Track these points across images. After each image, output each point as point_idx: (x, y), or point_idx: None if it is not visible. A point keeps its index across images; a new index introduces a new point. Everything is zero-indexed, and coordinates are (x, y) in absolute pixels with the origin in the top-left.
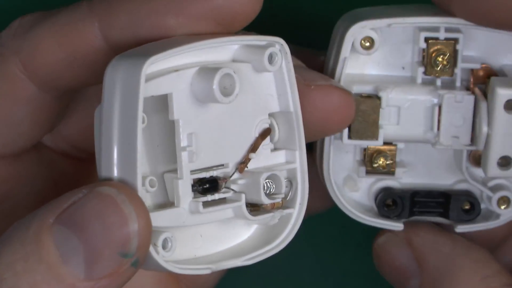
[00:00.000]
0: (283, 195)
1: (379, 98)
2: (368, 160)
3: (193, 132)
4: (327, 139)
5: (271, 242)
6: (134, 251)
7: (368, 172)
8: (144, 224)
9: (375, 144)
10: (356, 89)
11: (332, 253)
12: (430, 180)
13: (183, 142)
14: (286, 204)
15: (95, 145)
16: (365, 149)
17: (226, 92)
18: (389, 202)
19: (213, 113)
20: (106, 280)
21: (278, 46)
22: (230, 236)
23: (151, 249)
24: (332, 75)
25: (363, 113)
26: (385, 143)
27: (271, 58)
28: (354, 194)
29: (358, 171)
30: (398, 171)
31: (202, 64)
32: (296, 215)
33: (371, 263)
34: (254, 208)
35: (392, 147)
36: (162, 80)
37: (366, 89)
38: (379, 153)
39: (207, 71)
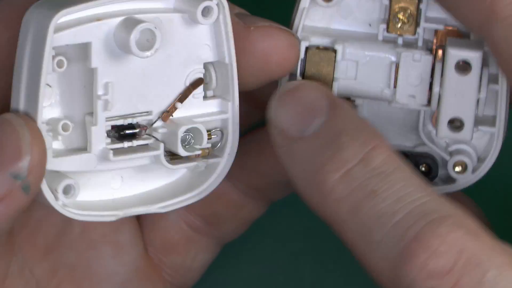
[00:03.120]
0: (206, 148)
1: (334, 51)
2: None
3: (110, 81)
4: None
5: (193, 190)
6: (25, 173)
7: None
8: (38, 149)
9: None
10: (313, 40)
11: (332, 253)
12: (391, 140)
13: (99, 91)
14: (215, 153)
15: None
16: None
17: (147, 45)
18: None
19: (137, 63)
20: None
21: (216, 1)
22: (154, 179)
23: (49, 193)
24: (291, 25)
25: (317, 65)
26: (343, 97)
27: (207, 11)
28: None
29: None
30: None
31: (132, 12)
32: (223, 164)
33: None
34: (176, 156)
35: (349, 102)
36: (80, 29)
37: (324, 41)
38: None
39: (130, 23)
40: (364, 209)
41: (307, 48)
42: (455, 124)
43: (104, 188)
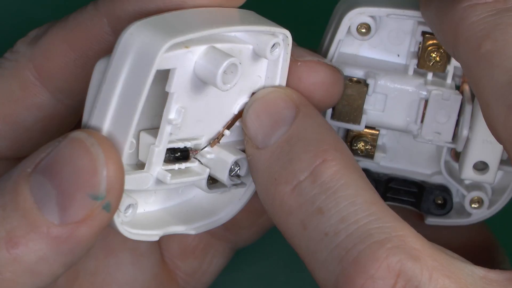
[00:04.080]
0: (243, 179)
1: (366, 85)
2: (349, 141)
3: (183, 107)
4: None
5: (218, 212)
6: (104, 193)
7: None
8: (114, 167)
9: (357, 129)
10: (347, 71)
11: None
12: (409, 167)
13: (171, 115)
14: (242, 179)
15: (87, 94)
16: (348, 130)
17: (227, 78)
18: None
19: (208, 91)
20: (83, 227)
21: (282, 36)
22: (177, 195)
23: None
24: (325, 53)
25: (349, 97)
26: (368, 127)
27: (273, 47)
28: None
29: None
30: (377, 155)
31: (212, 39)
32: (245, 190)
33: None
34: (214, 180)
35: (374, 132)
36: (171, 56)
37: (357, 73)
38: (360, 136)
39: (214, 55)
40: (310, 227)
41: None
42: (479, 166)
43: (139, 201)
